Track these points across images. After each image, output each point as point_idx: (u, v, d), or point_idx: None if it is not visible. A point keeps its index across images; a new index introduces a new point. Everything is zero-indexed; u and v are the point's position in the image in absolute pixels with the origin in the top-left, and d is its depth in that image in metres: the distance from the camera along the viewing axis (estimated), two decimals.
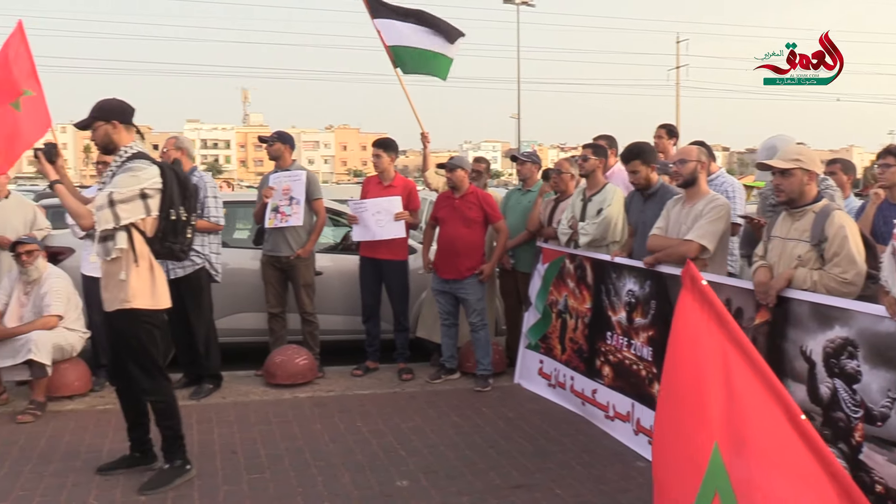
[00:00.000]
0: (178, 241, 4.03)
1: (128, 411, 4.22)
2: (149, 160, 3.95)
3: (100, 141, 4.03)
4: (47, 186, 4.19)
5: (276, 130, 6.34)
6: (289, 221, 6.03)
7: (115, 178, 3.87)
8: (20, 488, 3.99)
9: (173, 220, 3.96)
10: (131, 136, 4.05)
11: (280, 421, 5.12)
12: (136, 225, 3.87)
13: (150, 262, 3.95)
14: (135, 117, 4.11)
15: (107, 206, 3.79)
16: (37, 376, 5.15)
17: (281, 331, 6.28)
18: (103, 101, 4.07)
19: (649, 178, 5.06)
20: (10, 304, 5.34)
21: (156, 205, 3.90)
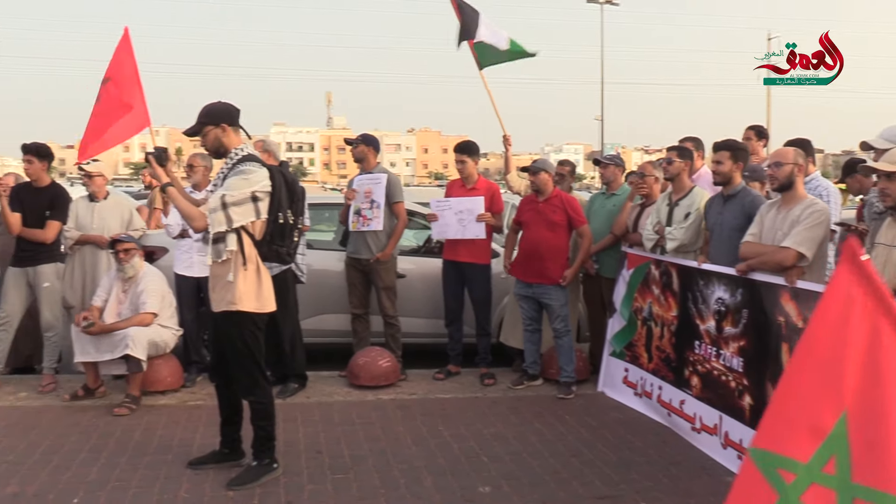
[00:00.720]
0: (284, 244, 4.07)
1: (224, 408, 4.32)
2: (259, 163, 4.00)
3: (210, 145, 4.10)
4: (159, 189, 4.32)
5: (361, 133, 6.41)
6: (369, 226, 6.09)
7: (227, 181, 3.93)
8: (116, 479, 4.15)
9: (281, 224, 3.99)
10: (240, 137, 4.11)
11: (363, 422, 5.18)
12: (246, 228, 3.93)
13: (257, 265, 4.02)
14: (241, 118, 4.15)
15: (220, 208, 3.86)
16: (133, 371, 5.36)
17: (364, 332, 6.35)
18: (210, 106, 4.11)
19: (732, 175, 4.92)
20: (109, 301, 5.57)
21: (265, 208, 3.94)
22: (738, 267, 4.49)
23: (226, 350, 4.15)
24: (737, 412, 4.45)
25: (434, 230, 6.39)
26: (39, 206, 5.79)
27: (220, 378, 4.29)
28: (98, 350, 5.36)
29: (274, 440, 4.21)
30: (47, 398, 5.65)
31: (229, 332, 4.06)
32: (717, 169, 4.98)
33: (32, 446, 4.63)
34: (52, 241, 5.85)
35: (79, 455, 4.49)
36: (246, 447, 4.30)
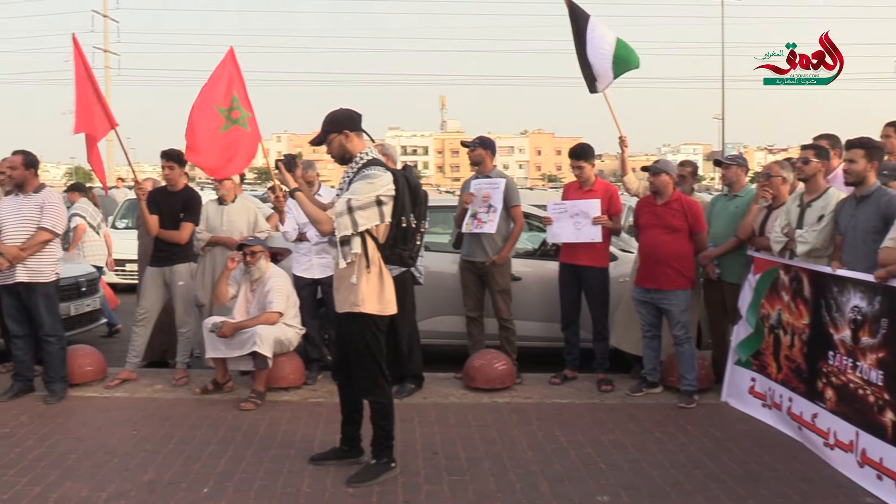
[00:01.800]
0: (407, 247, 4.11)
1: (345, 406, 4.41)
2: (383, 167, 4.07)
3: (335, 152, 4.18)
4: (287, 193, 4.47)
5: (478, 136, 6.42)
6: (483, 228, 6.09)
7: (353, 185, 4.01)
8: (242, 471, 4.32)
9: (404, 227, 4.04)
10: (363, 142, 4.18)
11: (479, 424, 5.18)
12: (370, 231, 4.00)
13: (380, 267, 4.08)
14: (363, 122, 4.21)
15: (346, 212, 3.94)
16: (259, 368, 5.58)
17: (479, 335, 6.36)
18: (332, 114, 4.19)
19: (866, 175, 4.63)
20: (238, 299, 5.82)
21: (389, 211, 4.00)
22: (877, 273, 4.21)
23: (348, 350, 4.24)
24: (876, 429, 4.16)
25: (549, 234, 6.32)
26: (174, 209, 6.12)
27: (342, 377, 4.40)
28: (227, 347, 5.61)
29: (393, 439, 4.26)
30: (180, 391, 5.96)
31: (351, 333, 4.15)
32: (849, 168, 4.70)
33: (167, 437, 4.89)
34: (186, 242, 6.17)
35: (208, 446, 4.71)
36: (365, 445, 4.38)
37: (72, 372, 5.95)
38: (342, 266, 4.06)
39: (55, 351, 5.74)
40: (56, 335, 5.75)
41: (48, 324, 5.71)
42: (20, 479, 4.18)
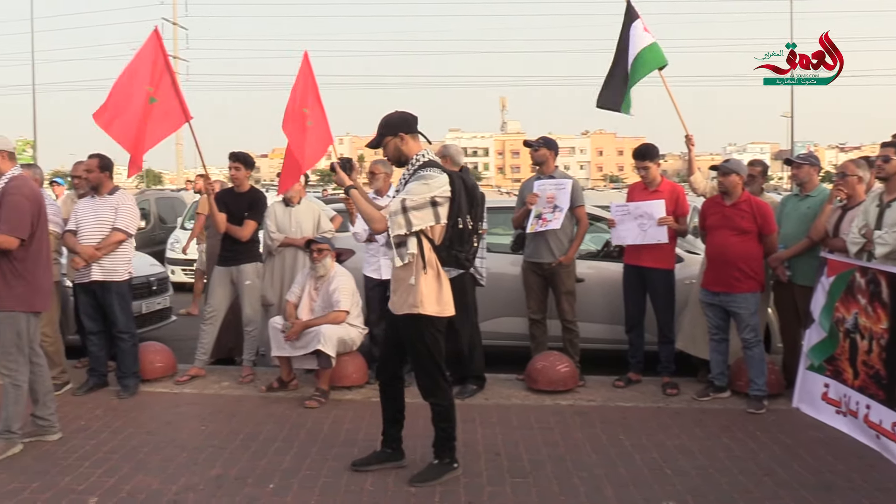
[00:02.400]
0: (463, 249, 4.08)
1: (387, 407, 4.39)
2: (439, 168, 4.06)
3: (391, 155, 4.20)
4: (343, 191, 4.52)
5: (541, 136, 6.36)
6: (548, 226, 6.03)
7: (408, 185, 4.02)
8: (307, 468, 4.38)
9: (460, 229, 4.02)
10: (419, 144, 4.18)
11: (541, 427, 5.14)
12: (425, 232, 4.00)
13: (437, 269, 4.07)
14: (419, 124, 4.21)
15: (400, 212, 3.95)
16: (323, 366, 5.65)
17: (542, 337, 6.31)
18: (387, 117, 4.22)
19: None
20: (303, 298, 5.91)
21: (445, 213, 3.99)
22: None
23: (407, 352, 4.24)
24: None
25: (614, 236, 6.23)
26: (240, 209, 6.26)
27: (385, 375, 4.38)
28: (292, 345, 5.70)
29: (454, 440, 4.26)
30: (246, 388, 6.08)
31: (410, 335, 4.15)
32: None
33: (233, 433, 4.99)
34: (250, 241, 6.29)
35: (273, 443, 4.79)
36: (410, 445, 4.39)
37: (143, 368, 6.13)
38: (398, 266, 4.06)
39: (128, 347, 5.93)
40: (129, 332, 5.94)
41: (121, 321, 5.90)
42: (95, 471, 4.33)
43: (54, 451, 4.66)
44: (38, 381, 4.83)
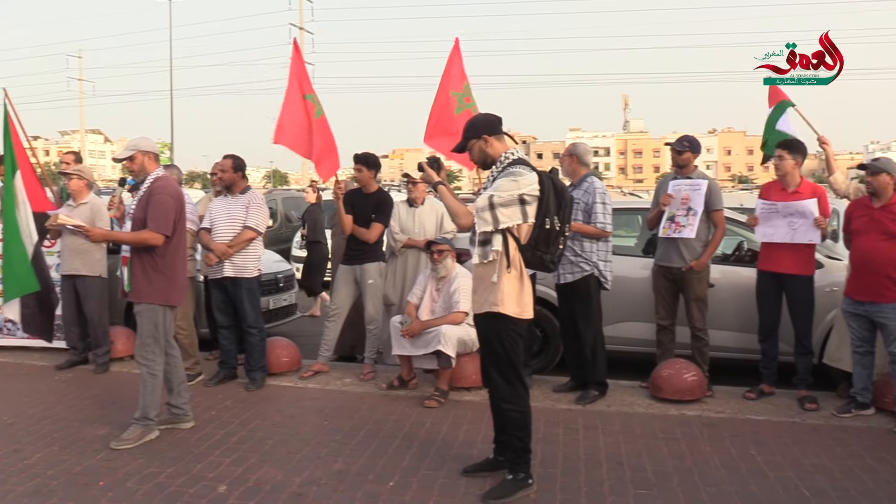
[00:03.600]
0: (549, 251, 3.96)
1: (497, 413, 4.25)
2: (528, 166, 3.97)
3: (476, 158, 4.14)
4: (431, 187, 4.50)
5: (683, 135, 6.06)
6: (682, 233, 5.79)
7: (497, 182, 3.94)
8: (426, 468, 4.38)
9: (547, 230, 3.90)
10: (504, 144, 4.09)
11: (666, 437, 4.94)
12: (511, 230, 3.91)
13: (520, 269, 3.96)
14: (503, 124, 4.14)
15: (487, 208, 3.87)
16: (443, 367, 5.65)
17: (669, 344, 6.08)
18: (471, 120, 4.20)
19: None
20: (424, 299, 5.94)
21: (532, 212, 3.88)
22: None
23: (485, 353, 4.17)
24: None
25: (759, 233, 5.87)
26: (366, 210, 6.35)
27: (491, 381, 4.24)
28: (413, 345, 5.74)
29: (530, 453, 4.10)
30: (367, 386, 6.17)
31: (488, 334, 4.06)
32: None
33: (355, 429, 5.07)
34: (376, 242, 6.38)
35: (394, 441, 4.83)
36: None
37: (270, 362, 6.34)
38: (478, 263, 3.98)
39: (256, 342, 6.15)
40: (257, 327, 6.15)
41: (250, 316, 6.12)
42: (224, 460, 4.50)
43: (187, 439, 4.88)
44: (173, 371, 5.08)
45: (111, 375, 6.61)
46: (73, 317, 6.85)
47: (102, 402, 5.77)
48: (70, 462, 4.47)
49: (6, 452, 4.64)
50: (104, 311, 6.80)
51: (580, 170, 5.82)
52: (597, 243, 5.70)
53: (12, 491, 4.04)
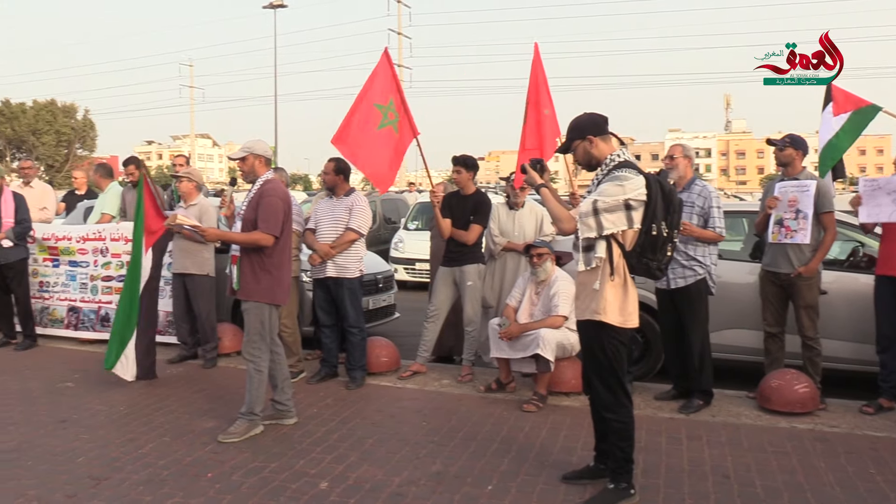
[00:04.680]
0: (655, 257, 3.81)
1: (598, 421, 4.16)
2: (635, 170, 3.83)
3: (581, 159, 4.02)
4: (534, 188, 4.42)
5: (787, 134, 5.83)
6: (794, 238, 5.54)
7: (601, 186, 3.82)
8: (525, 473, 4.33)
9: (654, 236, 3.75)
10: (611, 145, 3.97)
11: (776, 451, 4.72)
12: (616, 236, 3.79)
13: (624, 276, 3.84)
14: (609, 125, 4.02)
15: (591, 213, 3.75)
16: (541, 371, 5.60)
17: (778, 353, 5.81)
18: (575, 120, 4.05)
19: None
20: (523, 303, 5.89)
21: (639, 217, 3.75)
22: None
23: (587, 361, 4.07)
24: None
25: (861, 214, 5.54)
26: (465, 212, 6.36)
27: (591, 389, 4.16)
28: (511, 348, 5.71)
29: (633, 463, 3.98)
30: (465, 388, 6.18)
31: (591, 343, 3.96)
32: None
33: (453, 430, 5.08)
34: (475, 244, 6.38)
35: (492, 444, 4.80)
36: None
37: (370, 361, 6.44)
38: (581, 270, 3.88)
39: (357, 341, 6.25)
40: (358, 327, 6.26)
41: (352, 316, 6.23)
42: (326, 457, 4.58)
43: (290, 435, 5.01)
44: (277, 368, 5.22)
45: (219, 370, 6.86)
46: (183, 313, 7.15)
47: (210, 395, 5.99)
48: (180, 453, 4.66)
49: (122, 441, 4.88)
50: (212, 309, 7.06)
51: (689, 172, 5.66)
52: (708, 247, 5.53)
53: (127, 479, 4.24)
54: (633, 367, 6.03)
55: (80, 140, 56.33)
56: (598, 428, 4.18)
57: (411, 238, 13.54)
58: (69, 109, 55.92)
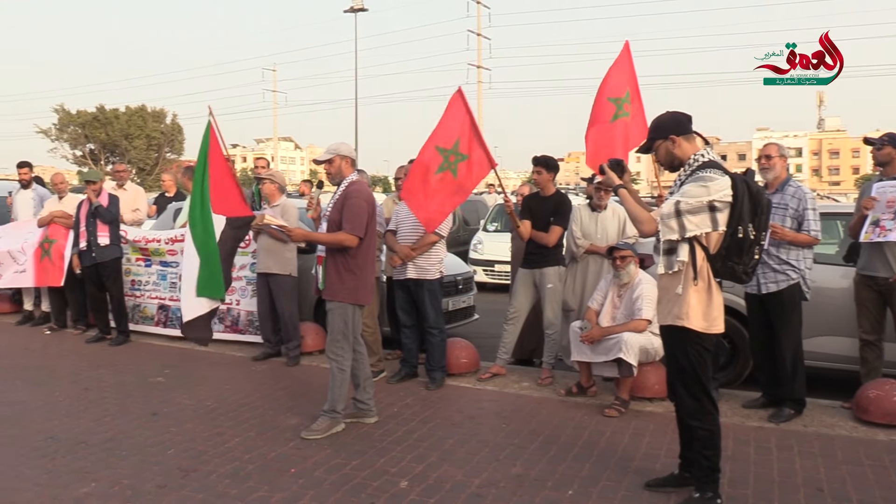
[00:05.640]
0: (741, 261, 3.66)
1: (683, 429, 4.05)
2: (720, 170, 3.70)
3: (663, 160, 3.91)
4: (613, 190, 4.32)
5: (886, 132, 5.56)
6: (888, 236, 5.27)
7: (684, 187, 3.71)
8: (606, 479, 4.26)
9: (740, 238, 3.61)
10: (694, 145, 3.84)
11: (874, 464, 4.50)
12: (699, 239, 3.67)
13: (708, 281, 3.71)
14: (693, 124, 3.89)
15: (673, 215, 3.65)
16: (624, 375, 5.49)
17: (875, 361, 5.54)
18: (657, 119, 3.94)
19: None
20: (605, 306, 5.79)
21: (724, 219, 3.62)
22: None
23: (670, 367, 3.95)
24: None
25: None
26: (545, 213, 6.31)
27: (675, 396, 4.03)
28: (593, 351, 5.62)
29: (719, 472, 3.84)
30: (545, 391, 6.12)
31: (673, 348, 3.85)
32: None
33: (533, 434, 5.04)
34: (555, 246, 6.31)
35: (573, 449, 4.74)
36: None
37: (449, 362, 6.46)
38: (663, 273, 3.77)
39: (437, 342, 6.27)
40: (438, 328, 6.28)
41: (432, 317, 6.25)
42: (406, 456, 4.61)
43: (371, 434, 5.06)
44: (359, 367, 5.28)
45: (301, 368, 7.00)
46: (267, 312, 7.32)
47: (294, 392, 6.11)
48: (265, 448, 4.77)
49: (209, 435, 5.02)
50: (295, 308, 7.21)
51: (784, 172, 5.46)
52: (802, 251, 5.32)
53: (214, 472, 4.36)
54: (719, 374, 5.85)
55: (169, 144, 58.49)
56: (683, 435, 4.07)
57: (490, 240, 13.51)
58: (159, 114, 58.13)
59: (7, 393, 6.12)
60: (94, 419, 5.39)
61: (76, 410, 5.62)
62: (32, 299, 9.52)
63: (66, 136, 55.80)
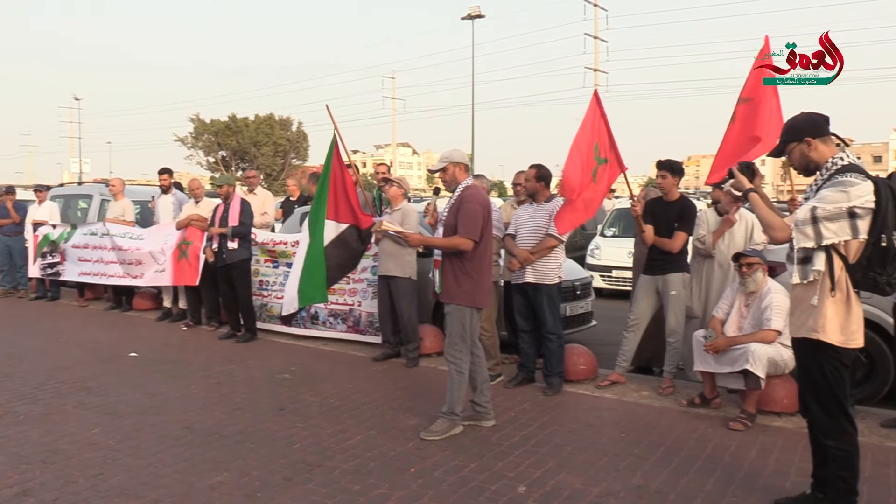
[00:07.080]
0: (885, 272, 3.44)
1: (816, 446, 3.82)
2: (862, 174, 3.46)
3: (797, 163, 3.71)
4: (742, 194, 4.14)
5: None
6: None
7: (821, 192, 3.49)
8: (731, 495, 4.10)
9: (883, 247, 3.38)
10: (831, 148, 3.61)
11: None
12: (837, 247, 3.46)
13: (847, 292, 3.49)
14: (830, 125, 3.67)
15: (809, 222, 3.45)
16: (750, 387, 5.28)
17: None
18: (792, 120, 3.74)
19: None
20: (731, 314, 5.59)
21: (865, 227, 3.39)
22: None
23: (803, 381, 3.73)
24: None
25: None
26: (668, 218, 6.16)
27: (808, 412, 3.81)
28: (717, 361, 5.44)
29: (857, 494, 3.60)
30: (666, 400, 5.97)
31: (806, 363, 3.64)
32: None
33: (654, 444, 4.92)
34: (679, 252, 6.15)
35: (695, 462, 4.60)
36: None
37: (567, 368, 6.40)
38: (797, 283, 3.56)
39: (555, 348, 6.24)
40: (556, 333, 6.24)
41: (549, 322, 6.22)
42: (523, 461, 4.61)
43: (489, 437, 5.08)
44: (477, 370, 5.32)
45: (420, 370, 7.11)
46: (387, 314, 7.49)
47: (413, 393, 6.22)
48: (385, 447, 4.88)
49: (333, 432, 5.19)
50: (413, 310, 7.34)
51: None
52: None
53: (338, 468, 4.50)
54: (855, 390, 5.53)
55: (295, 150, 60.85)
56: (815, 453, 3.86)
57: (608, 245, 13.29)
58: (285, 122, 60.58)
59: (149, 385, 6.53)
60: (226, 412, 5.68)
61: (210, 403, 5.93)
62: (171, 297, 10.12)
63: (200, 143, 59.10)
